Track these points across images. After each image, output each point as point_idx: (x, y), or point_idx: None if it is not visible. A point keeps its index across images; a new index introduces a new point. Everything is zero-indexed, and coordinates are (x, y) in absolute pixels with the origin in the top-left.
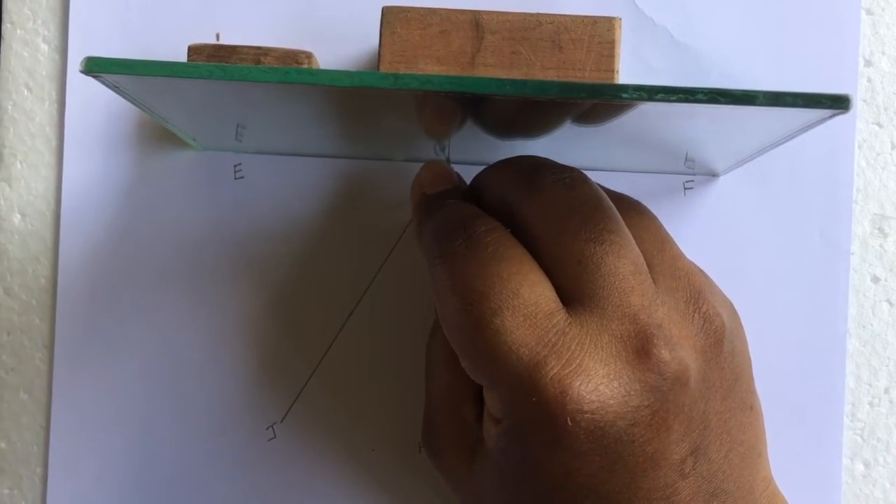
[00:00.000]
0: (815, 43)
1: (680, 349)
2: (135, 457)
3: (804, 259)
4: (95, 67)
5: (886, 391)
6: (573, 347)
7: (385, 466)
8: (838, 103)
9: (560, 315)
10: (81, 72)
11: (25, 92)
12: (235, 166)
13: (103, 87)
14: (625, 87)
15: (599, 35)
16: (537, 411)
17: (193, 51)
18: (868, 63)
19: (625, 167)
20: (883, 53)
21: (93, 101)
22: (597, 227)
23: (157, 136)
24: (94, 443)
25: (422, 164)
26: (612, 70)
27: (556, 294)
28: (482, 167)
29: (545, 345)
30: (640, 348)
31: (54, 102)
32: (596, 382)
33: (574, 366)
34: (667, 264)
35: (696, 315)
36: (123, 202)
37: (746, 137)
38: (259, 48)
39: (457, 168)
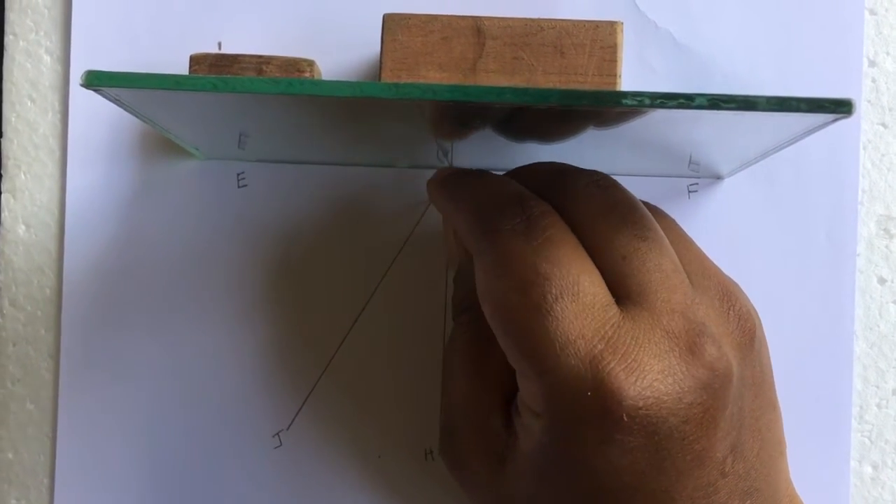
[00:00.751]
0: (819, 44)
1: (723, 346)
2: (141, 467)
3: (810, 261)
4: (96, 81)
5: (894, 393)
6: (628, 342)
7: (392, 473)
8: (841, 107)
9: (614, 309)
10: (82, 85)
11: (29, 103)
12: (239, 175)
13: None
14: (625, 94)
15: (601, 39)
16: (591, 406)
17: (195, 61)
18: (872, 63)
19: (629, 171)
20: (887, 54)
21: (96, 111)
22: (636, 224)
23: (160, 145)
24: (100, 453)
25: (424, 169)
26: (614, 74)
27: (606, 287)
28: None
29: (602, 338)
30: (691, 345)
31: (57, 113)
32: (651, 378)
33: (630, 361)
34: (696, 264)
35: (731, 312)
36: (127, 212)
37: (750, 141)
38: (261, 57)
39: None
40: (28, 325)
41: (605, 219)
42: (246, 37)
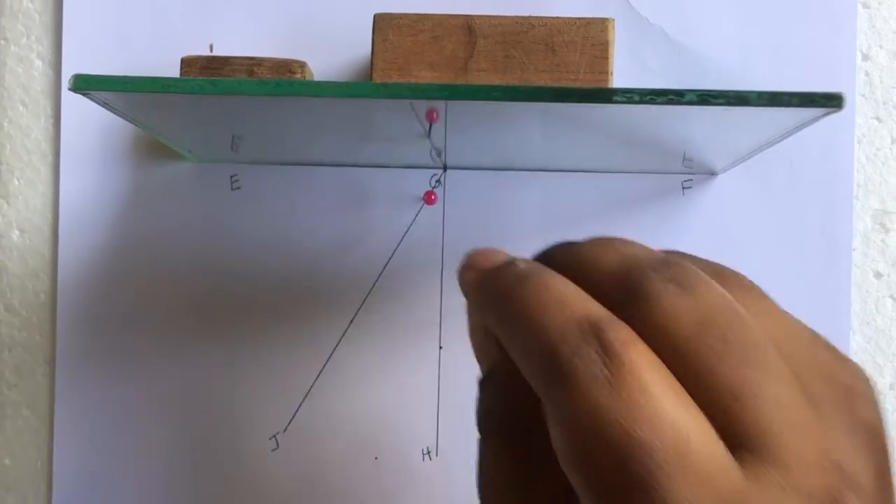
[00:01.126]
0: (813, 38)
1: (864, 493)
2: (138, 471)
3: (806, 256)
4: (83, 85)
5: (892, 387)
6: None
7: (389, 474)
8: (832, 101)
9: (735, 471)
10: (70, 89)
11: (21, 108)
12: (232, 177)
13: None
14: (615, 91)
15: (593, 36)
16: None
17: (186, 63)
18: (866, 57)
19: (623, 168)
20: (881, 47)
21: (88, 115)
22: (742, 344)
23: (152, 149)
24: (97, 457)
25: (418, 168)
26: (606, 71)
27: (717, 436)
28: (479, 172)
29: None
30: (833, 502)
31: (49, 118)
32: None
33: None
34: (806, 357)
35: (859, 429)
36: (121, 216)
37: (743, 136)
38: (252, 59)
39: (454, 173)
40: (23, 330)
41: (699, 342)
42: (237, 38)
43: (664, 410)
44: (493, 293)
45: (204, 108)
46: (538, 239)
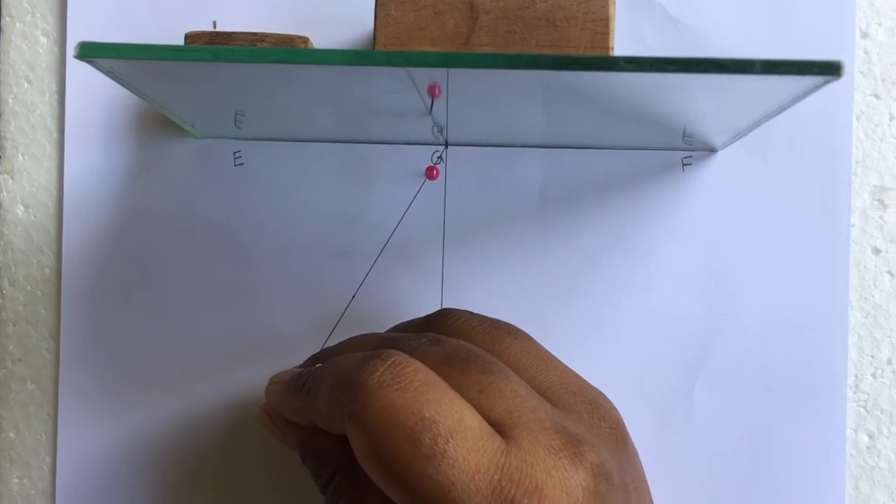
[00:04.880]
0: (812, 16)
1: (601, 451)
2: (143, 445)
3: (804, 232)
4: (88, 52)
5: (889, 362)
6: (520, 466)
7: None
8: (829, 69)
9: (498, 437)
10: (76, 57)
11: (26, 85)
12: (235, 153)
13: (102, 77)
14: (616, 60)
15: (594, 12)
16: None
17: (190, 38)
18: (865, 35)
19: (623, 144)
20: (879, 24)
21: (93, 92)
22: (478, 364)
23: (156, 124)
24: (101, 431)
25: (421, 145)
26: (606, 47)
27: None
28: (480, 148)
29: (497, 467)
30: (573, 455)
31: (54, 94)
32: (550, 498)
33: (527, 484)
34: (558, 381)
35: (602, 423)
36: (125, 191)
37: (742, 108)
38: (255, 34)
39: (455, 149)
40: (28, 305)
41: (449, 365)
42: (241, 15)
43: (443, 396)
44: (298, 382)
45: (206, 80)
46: (539, 213)
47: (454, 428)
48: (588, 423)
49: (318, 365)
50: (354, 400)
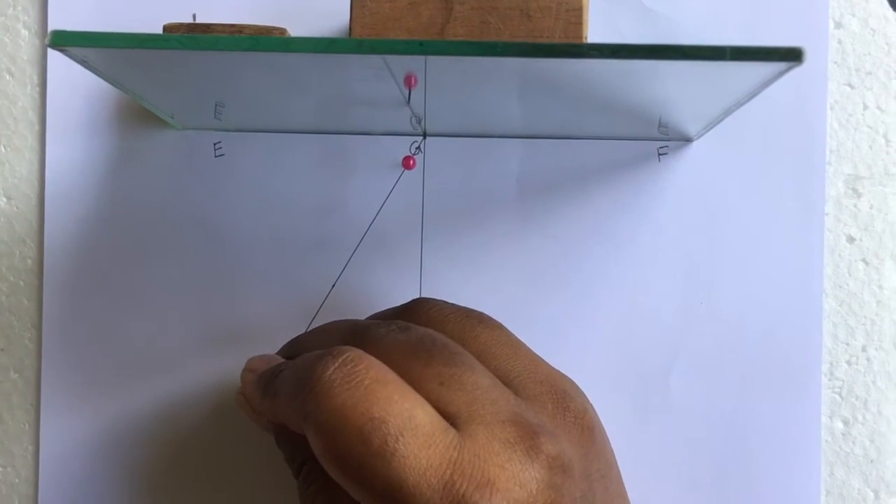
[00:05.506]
0: (785, 6)
1: (560, 442)
2: (125, 434)
3: (779, 221)
4: (61, 41)
5: (864, 349)
6: (473, 460)
7: None
8: (791, 56)
9: (452, 431)
10: (48, 45)
11: (7, 77)
12: (215, 144)
13: (84, 70)
14: (581, 47)
15: (567, 2)
16: None
17: (168, 30)
18: (838, 25)
19: (598, 134)
20: (853, 15)
21: (73, 84)
22: (442, 354)
23: (137, 116)
24: (83, 420)
25: (399, 136)
26: (580, 37)
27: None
28: (458, 139)
29: (449, 462)
30: (529, 448)
31: (36, 86)
32: (503, 491)
33: (479, 478)
34: (525, 371)
35: (566, 413)
36: (106, 183)
37: (711, 97)
38: (234, 26)
39: (433, 140)
40: (11, 295)
41: (413, 356)
42: (221, 9)
43: (395, 393)
44: (264, 382)
45: (183, 69)
46: (516, 203)
47: (404, 426)
48: (552, 412)
49: (283, 363)
50: (308, 400)
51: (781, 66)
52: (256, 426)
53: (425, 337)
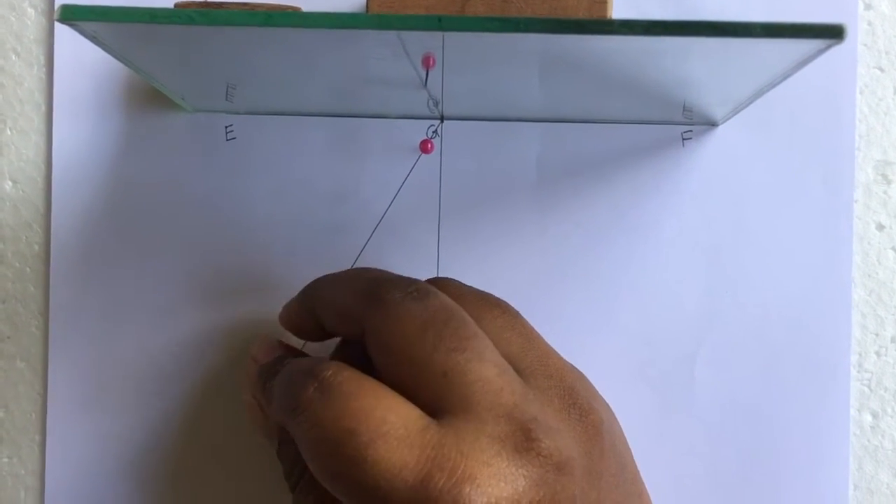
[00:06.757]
0: None
1: (560, 439)
2: (133, 423)
3: (807, 208)
4: (70, 15)
5: (893, 340)
6: (454, 456)
7: None
8: (830, 33)
9: (433, 429)
10: (58, 20)
11: (13, 57)
12: (227, 127)
13: (92, 50)
14: (612, 23)
15: None
16: None
17: (180, 6)
18: (868, 6)
19: (621, 118)
20: None
21: (81, 64)
22: (454, 336)
23: (147, 98)
24: (91, 409)
25: (416, 119)
26: (605, 14)
27: (421, 411)
28: (476, 123)
29: (426, 460)
30: (520, 443)
31: (42, 67)
32: (485, 486)
33: (459, 473)
34: (537, 362)
35: (571, 409)
36: (114, 166)
37: (741, 78)
38: (246, 3)
39: (451, 124)
40: (17, 282)
41: (421, 336)
42: None
43: (365, 405)
44: (263, 380)
45: (195, 47)
46: (535, 189)
47: (375, 433)
48: (557, 407)
49: (279, 361)
50: (292, 420)
51: (820, 44)
52: (261, 434)
53: (441, 310)
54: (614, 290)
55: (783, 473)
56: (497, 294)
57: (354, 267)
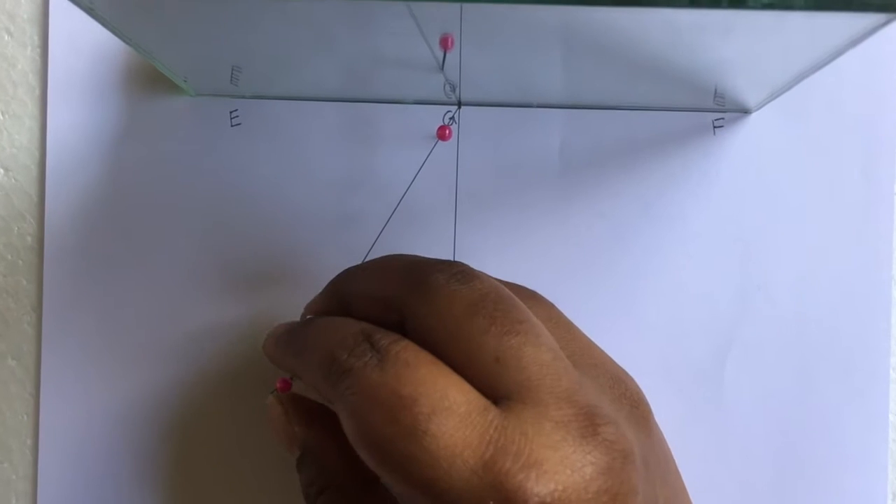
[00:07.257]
0: None
1: (621, 426)
2: (129, 425)
3: (844, 201)
4: None
5: None
6: (518, 440)
7: None
8: (888, 6)
9: (493, 410)
10: None
11: (6, 37)
12: (232, 113)
13: (88, 29)
14: None
15: None
16: None
17: None
18: None
19: (650, 104)
20: None
21: (78, 44)
22: (506, 319)
23: (147, 80)
24: (86, 411)
25: (432, 105)
26: None
27: (479, 392)
28: (495, 108)
29: (490, 442)
30: (585, 429)
31: (37, 48)
32: (551, 473)
33: (524, 458)
34: (582, 352)
35: (623, 398)
36: (113, 153)
37: (785, 59)
38: None
39: (469, 110)
40: (8, 275)
41: (470, 321)
42: None
43: (427, 374)
44: (287, 340)
45: (198, 20)
46: (558, 179)
47: (437, 405)
48: (610, 394)
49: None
50: (339, 384)
51: (876, 18)
52: (281, 447)
53: (489, 292)
54: (639, 285)
55: (817, 481)
56: None
57: (383, 255)
